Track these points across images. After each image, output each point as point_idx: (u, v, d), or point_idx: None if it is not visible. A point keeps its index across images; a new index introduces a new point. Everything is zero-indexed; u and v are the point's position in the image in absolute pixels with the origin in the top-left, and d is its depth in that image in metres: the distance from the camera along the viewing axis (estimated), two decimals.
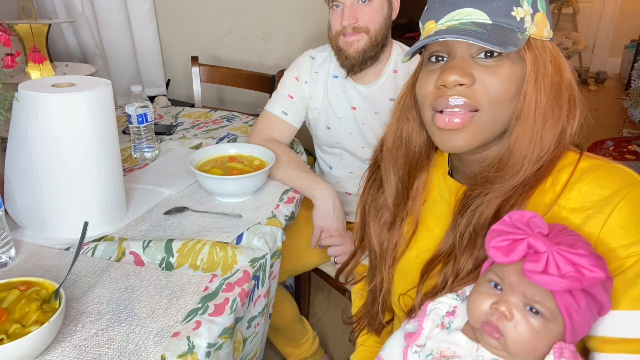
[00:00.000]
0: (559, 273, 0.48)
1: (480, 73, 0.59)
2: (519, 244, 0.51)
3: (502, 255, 0.52)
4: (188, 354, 0.66)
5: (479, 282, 0.58)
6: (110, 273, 0.82)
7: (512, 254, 0.51)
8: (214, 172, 1.09)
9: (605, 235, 0.56)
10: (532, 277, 0.49)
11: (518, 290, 0.53)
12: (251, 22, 2.22)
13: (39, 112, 0.84)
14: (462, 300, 0.62)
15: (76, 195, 0.89)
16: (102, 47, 2.11)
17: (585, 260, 0.48)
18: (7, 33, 0.99)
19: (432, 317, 0.62)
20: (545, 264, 0.49)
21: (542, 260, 0.49)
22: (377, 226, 0.76)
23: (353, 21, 1.14)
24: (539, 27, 0.59)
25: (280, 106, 1.32)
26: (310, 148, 1.58)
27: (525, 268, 0.50)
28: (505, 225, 0.54)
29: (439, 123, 0.61)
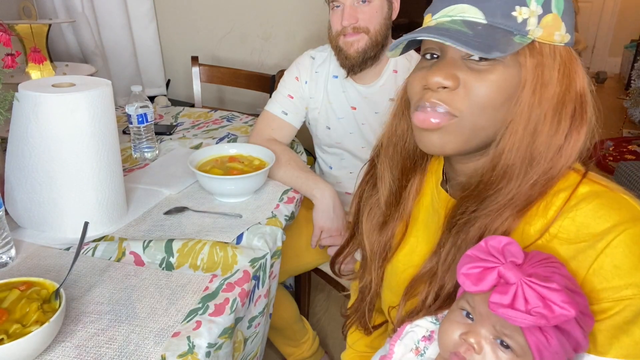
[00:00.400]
0: (526, 308, 0.45)
1: (468, 76, 0.55)
2: (490, 272, 0.48)
3: (471, 284, 0.49)
4: (188, 354, 0.66)
5: (452, 308, 0.56)
6: (110, 273, 0.82)
7: (481, 283, 0.48)
8: (214, 172, 1.09)
9: (593, 273, 0.51)
10: (496, 310, 0.46)
11: (488, 322, 0.50)
12: (251, 22, 2.22)
13: (39, 112, 0.84)
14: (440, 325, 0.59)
15: (76, 195, 0.89)
16: (102, 47, 2.11)
17: (557, 296, 0.45)
18: (7, 33, 0.99)
19: (405, 341, 0.60)
20: (512, 297, 0.46)
21: (510, 292, 0.46)
22: (369, 225, 0.75)
23: (353, 21, 1.14)
24: (548, 30, 0.54)
25: (280, 106, 1.32)
26: (310, 148, 1.58)
27: (491, 300, 0.46)
28: (480, 251, 0.51)
29: (417, 122, 0.58)
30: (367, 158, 1.34)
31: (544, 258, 0.50)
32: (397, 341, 0.61)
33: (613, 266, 0.50)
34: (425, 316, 0.61)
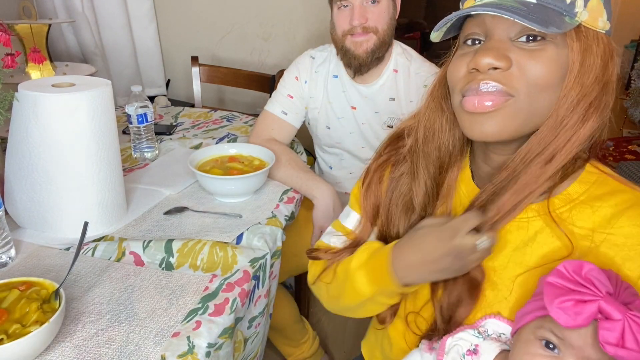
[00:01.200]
0: (637, 347, 0.43)
1: (519, 57, 0.53)
2: (588, 306, 0.45)
3: (570, 319, 0.45)
4: (188, 354, 0.66)
5: (525, 338, 0.52)
6: (110, 273, 0.82)
7: (579, 317, 0.45)
8: (214, 172, 1.09)
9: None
10: (613, 351, 0.43)
11: (581, 356, 0.47)
12: (251, 22, 2.22)
13: (39, 112, 0.84)
14: (483, 338, 0.58)
15: (76, 195, 0.89)
16: (102, 47, 2.11)
17: None
18: (7, 33, 0.99)
19: (452, 355, 0.58)
20: (621, 334, 0.43)
21: (617, 329, 0.44)
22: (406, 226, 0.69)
23: (363, 21, 1.14)
24: (593, 15, 0.53)
25: (280, 106, 1.32)
26: (310, 148, 1.58)
27: (603, 340, 0.44)
28: (564, 279, 0.47)
29: (467, 106, 0.55)
30: (367, 158, 1.35)
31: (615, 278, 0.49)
32: (444, 356, 0.58)
33: None
34: (466, 329, 0.59)
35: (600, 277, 0.47)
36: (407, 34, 3.59)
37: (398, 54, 1.26)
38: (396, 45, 1.27)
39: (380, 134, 1.29)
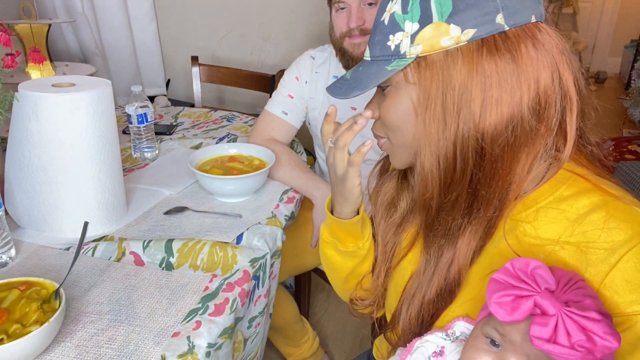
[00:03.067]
0: (569, 342, 0.43)
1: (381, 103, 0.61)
2: (525, 302, 0.46)
3: (506, 314, 0.46)
4: (188, 354, 0.66)
5: (474, 334, 0.53)
6: (110, 273, 0.82)
7: (516, 312, 0.46)
8: (214, 172, 1.09)
9: (605, 287, 0.51)
10: (540, 345, 0.44)
11: (521, 352, 0.47)
12: (251, 22, 2.22)
13: (39, 112, 0.84)
14: (451, 341, 0.58)
15: (76, 195, 0.89)
16: (102, 47, 2.11)
17: (598, 327, 0.42)
18: (7, 33, 0.99)
19: (415, 355, 0.58)
20: (553, 330, 0.43)
21: (550, 324, 0.44)
22: (385, 223, 0.73)
23: (360, 23, 1.14)
24: (430, 41, 0.53)
25: (280, 106, 1.32)
26: (310, 148, 1.58)
27: (532, 334, 0.44)
28: (508, 275, 0.48)
29: None
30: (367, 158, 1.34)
31: (570, 278, 0.48)
32: (407, 356, 0.59)
33: (624, 280, 0.50)
34: (435, 332, 0.60)
35: (544, 274, 0.47)
36: None
37: None
38: None
39: None
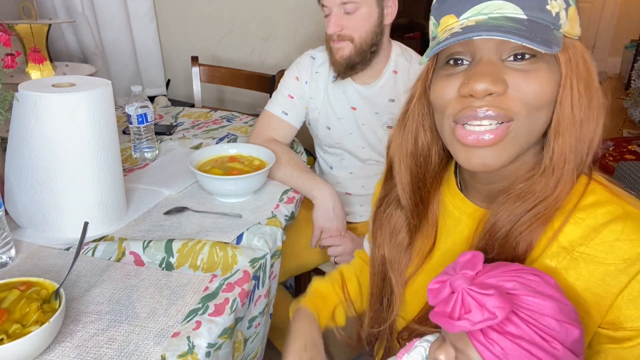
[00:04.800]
0: (459, 315, 0.46)
1: (514, 78, 0.51)
2: (444, 286, 0.49)
3: (432, 297, 0.50)
4: (188, 354, 0.66)
5: None
6: (110, 273, 0.82)
7: (438, 296, 0.49)
8: (214, 172, 1.09)
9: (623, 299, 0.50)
10: (432, 318, 0.48)
11: (449, 338, 0.51)
12: (251, 22, 2.22)
13: (39, 112, 0.84)
14: None
15: (76, 195, 0.89)
16: (102, 47, 2.11)
17: (489, 300, 0.45)
18: (7, 33, 0.99)
19: (413, 354, 0.59)
20: (452, 306, 0.47)
21: (451, 302, 0.47)
22: (391, 245, 0.69)
23: (338, 30, 1.16)
24: (572, 23, 0.52)
25: (280, 106, 1.32)
26: (310, 148, 1.58)
27: (434, 310, 0.48)
28: (448, 267, 0.52)
29: (464, 139, 0.53)
30: (367, 158, 1.35)
31: (511, 269, 0.50)
32: (405, 354, 0.60)
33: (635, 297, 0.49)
34: (435, 332, 0.60)
35: (472, 262, 0.50)
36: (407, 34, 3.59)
37: (398, 55, 1.26)
38: (396, 46, 1.27)
39: (380, 134, 1.29)
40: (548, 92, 0.51)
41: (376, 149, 1.32)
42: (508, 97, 0.51)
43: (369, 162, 1.36)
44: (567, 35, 0.51)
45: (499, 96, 0.50)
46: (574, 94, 0.51)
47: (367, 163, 1.36)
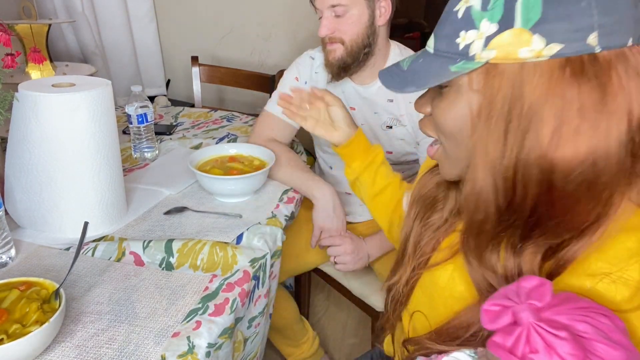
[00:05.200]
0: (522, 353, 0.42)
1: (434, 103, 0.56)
2: (505, 313, 0.45)
3: (488, 321, 0.46)
4: (188, 354, 0.66)
5: None
6: (110, 273, 0.82)
7: (497, 321, 0.45)
8: (214, 172, 1.09)
9: None
10: (491, 348, 0.44)
11: None
12: (251, 22, 2.22)
13: (39, 112, 0.84)
14: (478, 357, 0.56)
15: (76, 195, 0.89)
16: (102, 47, 2.11)
17: (563, 345, 0.41)
18: (7, 33, 0.99)
19: None
20: (515, 340, 0.43)
21: (514, 334, 0.43)
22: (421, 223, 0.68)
23: (328, 32, 1.16)
24: (505, 49, 0.46)
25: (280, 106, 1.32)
26: (310, 148, 1.58)
27: (493, 338, 0.44)
28: (509, 290, 0.47)
29: None
30: None
31: (581, 307, 0.45)
32: None
33: None
34: (462, 349, 0.57)
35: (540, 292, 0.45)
36: (407, 34, 3.59)
37: (397, 55, 1.26)
38: (394, 46, 1.27)
39: (379, 134, 1.29)
40: (448, 121, 0.53)
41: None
42: (429, 121, 0.58)
43: None
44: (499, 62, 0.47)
45: (428, 119, 0.58)
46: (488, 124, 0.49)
47: None
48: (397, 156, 1.32)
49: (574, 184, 0.47)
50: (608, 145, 0.45)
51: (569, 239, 0.49)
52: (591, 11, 0.44)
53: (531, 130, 0.46)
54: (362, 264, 1.19)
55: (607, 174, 0.46)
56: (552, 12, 0.45)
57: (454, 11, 0.50)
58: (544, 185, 0.48)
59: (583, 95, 0.45)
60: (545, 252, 0.51)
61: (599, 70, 0.45)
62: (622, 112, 0.45)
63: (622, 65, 0.45)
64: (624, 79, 0.45)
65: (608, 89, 0.45)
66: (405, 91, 0.53)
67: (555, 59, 0.45)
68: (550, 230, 0.50)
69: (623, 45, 0.45)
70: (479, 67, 0.48)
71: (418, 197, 0.71)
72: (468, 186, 0.53)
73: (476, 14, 0.48)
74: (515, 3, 0.46)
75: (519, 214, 0.50)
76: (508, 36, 0.46)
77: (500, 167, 0.49)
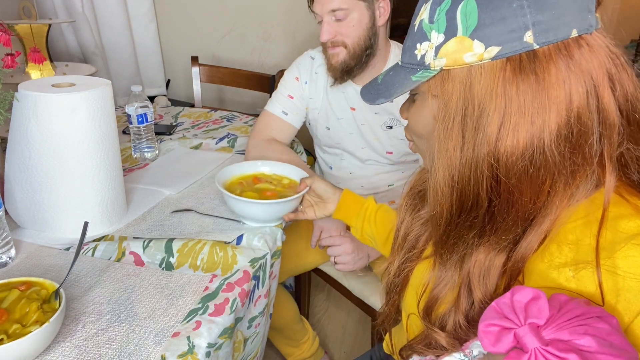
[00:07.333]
0: None
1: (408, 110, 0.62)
2: (507, 334, 0.44)
3: (489, 344, 0.45)
4: (188, 354, 0.66)
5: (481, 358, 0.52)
6: (110, 273, 0.82)
7: (499, 344, 0.44)
8: (247, 195, 0.98)
9: None
10: None
11: None
12: (251, 22, 2.22)
13: (39, 112, 0.84)
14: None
15: (76, 195, 0.89)
16: (102, 47, 2.11)
17: None
18: (7, 33, 0.99)
19: None
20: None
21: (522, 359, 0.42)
22: (411, 215, 0.71)
23: (330, 37, 1.16)
24: (453, 56, 0.49)
25: (280, 106, 1.32)
26: (310, 148, 1.58)
27: None
28: (504, 305, 0.46)
29: None
30: (367, 158, 1.35)
31: (578, 315, 0.44)
32: None
33: None
34: (453, 353, 0.57)
35: (538, 307, 0.44)
36: None
37: (396, 56, 1.26)
38: (394, 46, 1.27)
39: (379, 134, 1.29)
40: (414, 124, 0.60)
41: (375, 149, 1.32)
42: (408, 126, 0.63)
43: (368, 162, 1.36)
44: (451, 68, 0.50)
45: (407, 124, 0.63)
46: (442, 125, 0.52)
47: (366, 163, 1.36)
48: (397, 156, 1.32)
49: (516, 177, 0.49)
50: (545, 139, 0.47)
51: (521, 232, 0.52)
52: (524, 11, 0.46)
53: (481, 128, 0.49)
54: (362, 264, 1.19)
55: (546, 166, 0.48)
56: (486, 17, 0.47)
57: (413, 25, 0.55)
58: (493, 181, 0.50)
59: (521, 92, 0.47)
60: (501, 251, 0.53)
61: (538, 65, 0.46)
62: (560, 105, 0.46)
63: (563, 59, 0.46)
64: (564, 71, 0.46)
65: (546, 83, 0.46)
66: (377, 103, 0.58)
67: (497, 60, 0.48)
68: (500, 225, 0.52)
69: (565, 38, 0.46)
70: (435, 74, 0.52)
71: (411, 189, 0.74)
72: (430, 182, 0.56)
73: (426, 26, 0.52)
74: (456, 13, 0.49)
75: (475, 210, 0.53)
76: (453, 44, 0.49)
77: (458, 166, 0.51)
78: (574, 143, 0.48)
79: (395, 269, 0.71)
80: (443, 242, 0.58)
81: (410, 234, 0.70)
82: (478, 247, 0.55)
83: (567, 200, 0.50)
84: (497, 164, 0.49)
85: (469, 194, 0.52)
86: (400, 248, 0.71)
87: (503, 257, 0.54)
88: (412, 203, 0.72)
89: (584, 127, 0.47)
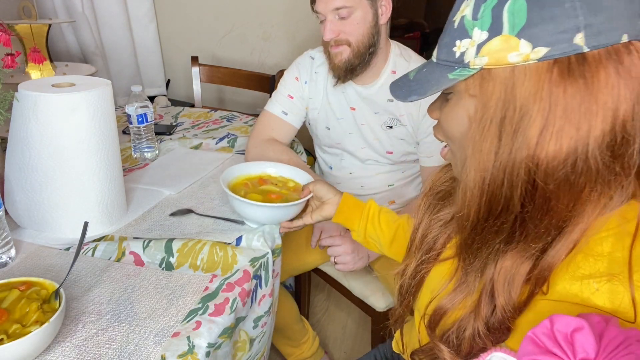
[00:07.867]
0: None
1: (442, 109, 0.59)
2: None
3: None
4: (188, 354, 0.66)
5: None
6: (110, 273, 0.82)
7: None
8: (252, 197, 0.97)
9: None
10: None
11: None
12: (251, 22, 2.22)
13: (39, 112, 0.84)
14: None
15: (76, 195, 0.89)
16: (102, 47, 2.11)
17: None
18: (7, 33, 0.99)
19: None
20: None
21: None
22: (430, 215, 0.69)
23: (334, 35, 1.16)
24: (496, 55, 0.48)
25: (280, 106, 1.32)
26: (310, 148, 1.58)
27: None
28: (545, 335, 0.43)
29: None
30: (367, 158, 1.35)
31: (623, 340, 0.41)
32: None
33: None
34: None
35: (584, 340, 0.41)
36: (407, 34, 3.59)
37: (396, 55, 1.26)
38: (394, 46, 1.27)
39: (379, 134, 1.29)
40: (452, 124, 0.56)
41: (375, 149, 1.32)
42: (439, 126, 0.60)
43: (368, 162, 1.36)
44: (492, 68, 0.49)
45: (439, 124, 0.60)
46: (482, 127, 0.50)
47: (366, 163, 1.36)
48: (397, 156, 1.32)
49: (555, 183, 0.47)
50: (589, 145, 0.46)
51: (550, 241, 0.50)
52: (576, 12, 0.44)
53: (520, 131, 0.47)
54: (362, 264, 1.19)
55: (587, 173, 0.47)
56: (536, 16, 0.45)
57: (452, 21, 0.52)
58: (529, 186, 0.48)
59: (568, 95, 0.45)
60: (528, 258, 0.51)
61: (587, 69, 0.45)
62: (608, 111, 0.45)
63: (613, 64, 0.45)
64: (614, 77, 0.45)
65: (594, 89, 0.45)
66: (409, 100, 0.55)
67: (544, 62, 0.46)
68: (531, 232, 0.50)
69: (615, 43, 0.45)
70: (474, 73, 0.50)
71: (431, 190, 0.72)
72: (461, 184, 0.54)
73: (468, 23, 0.50)
74: (502, 11, 0.47)
75: (504, 215, 0.51)
76: (497, 43, 0.48)
77: (492, 168, 0.50)
78: (615, 151, 0.46)
79: (412, 270, 0.70)
80: (467, 246, 0.56)
81: (428, 236, 0.69)
82: (504, 254, 0.53)
83: (600, 210, 0.49)
84: (536, 168, 0.47)
85: (499, 198, 0.50)
86: (418, 249, 0.69)
87: (529, 264, 0.52)
88: (432, 203, 0.71)
89: (627, 135, 0.46)
